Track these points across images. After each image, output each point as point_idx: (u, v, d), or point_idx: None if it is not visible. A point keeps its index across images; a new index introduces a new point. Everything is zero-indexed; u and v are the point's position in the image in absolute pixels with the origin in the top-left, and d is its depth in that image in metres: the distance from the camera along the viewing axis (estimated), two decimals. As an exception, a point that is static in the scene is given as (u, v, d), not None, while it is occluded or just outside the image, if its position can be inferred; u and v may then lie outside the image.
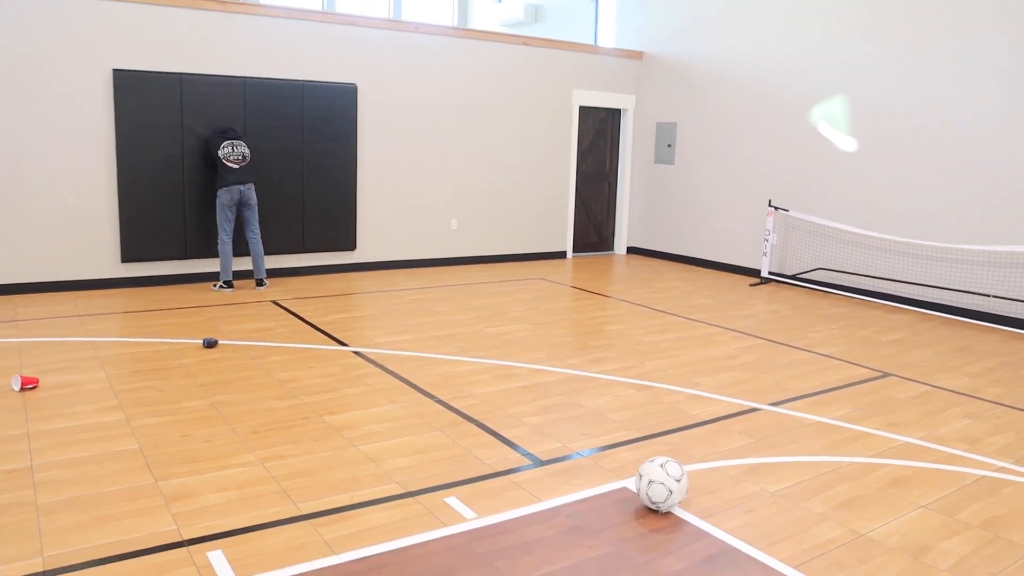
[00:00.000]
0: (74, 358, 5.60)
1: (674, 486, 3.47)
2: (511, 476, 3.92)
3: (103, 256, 7.99)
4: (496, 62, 10.29)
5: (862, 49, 8.81)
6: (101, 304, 7.36)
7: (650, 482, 3.49)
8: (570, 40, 11.79)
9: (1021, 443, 4.64)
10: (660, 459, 3.55)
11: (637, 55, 11.54)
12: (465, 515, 3.48)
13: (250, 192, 7.99)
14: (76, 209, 7.79)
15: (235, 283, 8.31)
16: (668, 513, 3.56)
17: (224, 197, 7.89)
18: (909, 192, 8.47)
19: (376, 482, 3.78)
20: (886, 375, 5.97)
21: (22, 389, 4.84)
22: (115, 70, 7.74)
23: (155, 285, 8.25)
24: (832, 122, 9.17)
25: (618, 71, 11.44)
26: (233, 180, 7.90)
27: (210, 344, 5.97)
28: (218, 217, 7.94)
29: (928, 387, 5.70)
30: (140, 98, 7.88)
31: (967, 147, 7.95)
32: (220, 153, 7.90)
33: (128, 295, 7.79)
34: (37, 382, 4.94)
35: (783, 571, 3.11)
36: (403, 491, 3.69)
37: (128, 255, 8.03)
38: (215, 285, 8.15)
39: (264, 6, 8.66)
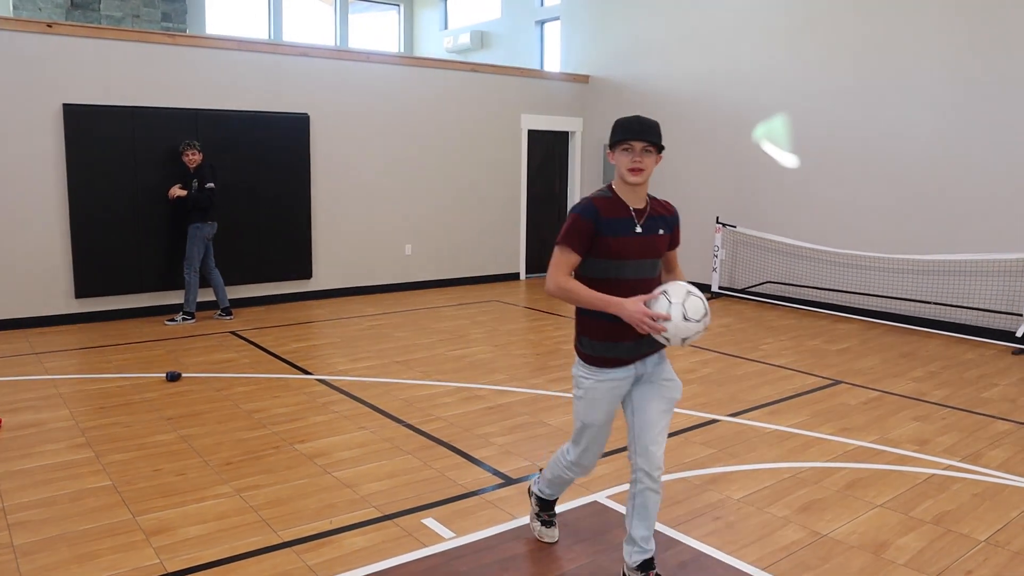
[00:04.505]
0: (35, 397, 5.54)
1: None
2: (484, 495, 4.01)
3: (56, 292, 7.89)
4: (445, 89, 10.44)
5: (804, 68, 9.16)
6: (57, 341, 7.27)
7: (688, 294, 2.84)
8: (517, 66, 12.00)
9: (966, 442, 4.88)
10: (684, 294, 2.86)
11: (583, 79, 11.79)
12: (443, 535, 3.56)
13: None
14: (27, 245, 7.70)
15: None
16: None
17: (207, 230, 8.01)
18: (851, 205, 8.81)
19: (353, 507, 3.84)
20: (837, 383, 6.20)
21: (-15, 430, 4.79)
22: (65, 104, 7.70)
23: (111, 320, 8.16)
24: (774, 140, 9.50)
25: (565, 95, 11.68)
26: (215, 216, 8.08)
27: (173, 377, 5.96)
28: (195, 248, 7.95)
29: (877, 392, 5.94)
30: (91, 132, 7.83)
31: (905, 161, 8.31)
32: (215, 187, 8.03)
33: (84, 331, 7.70)
34: (0, 423, 4.89)
35: (753, 574, 3.25)
36: (380, 514, 3.76)
37: (82, 290, 7.95)
38: (176, 318, 8.06)
39: (214, 38, 8.70)
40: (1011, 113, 7.49)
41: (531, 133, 11.47)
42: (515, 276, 11.51)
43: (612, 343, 2.99)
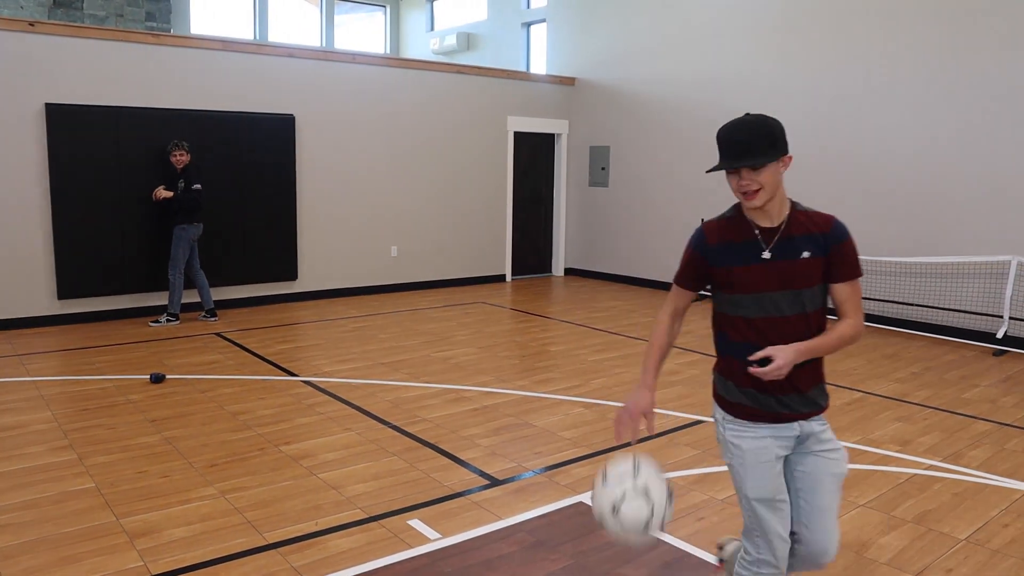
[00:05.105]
0: (17, 399, 5.50)
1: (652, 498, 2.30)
2: (470, 496, 4.01)
3: (39, 293, 7.83)
4: (432, 91, 10.44)
5: (788, 71, 9.22)
6: (39, 342, 7.22)
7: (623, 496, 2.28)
8: (503, 68, 12.01)
9: (947, 442, 4.93)
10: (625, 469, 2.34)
11: (569, 81, 11.82)
12: (429, 536, 3.56)
13: None
14: (9, 246, 7.63)
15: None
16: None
17: (193, 232, 8.00)
18: (834, 208, 8.80)
19: (339, 508, 3.84)
20: (820, 384, 6.23)
21: (-33, 432, 4.76)
22: (47, 104, 7.64)
23: (94, 321, 8.11)
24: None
25: (551, 97, 11.70)
26: (200, 217, 8.07)
27: (157, 379, 5.93)
28: (181, 250, 7.94)
29: (861, 393, 5.99)
30: (74, 132, 7.78)
31: (887, 164, 8.37)
32: (202, 188, 8.01)
33: (66, 332, 7.65)
34: (-18, 425, 4.86)
35: (736, 573, 3.27)
36: (366, 516, 3.76)
37: (65, 291, 7.89)
38: (160, 319, 8.02)
39: (198, 38, 8.67)
40: (992, 117, 7.57)
41: (517, 135, 11.48)
42: (501, 278, 11.52)
43: (746, 389, 2.40)
